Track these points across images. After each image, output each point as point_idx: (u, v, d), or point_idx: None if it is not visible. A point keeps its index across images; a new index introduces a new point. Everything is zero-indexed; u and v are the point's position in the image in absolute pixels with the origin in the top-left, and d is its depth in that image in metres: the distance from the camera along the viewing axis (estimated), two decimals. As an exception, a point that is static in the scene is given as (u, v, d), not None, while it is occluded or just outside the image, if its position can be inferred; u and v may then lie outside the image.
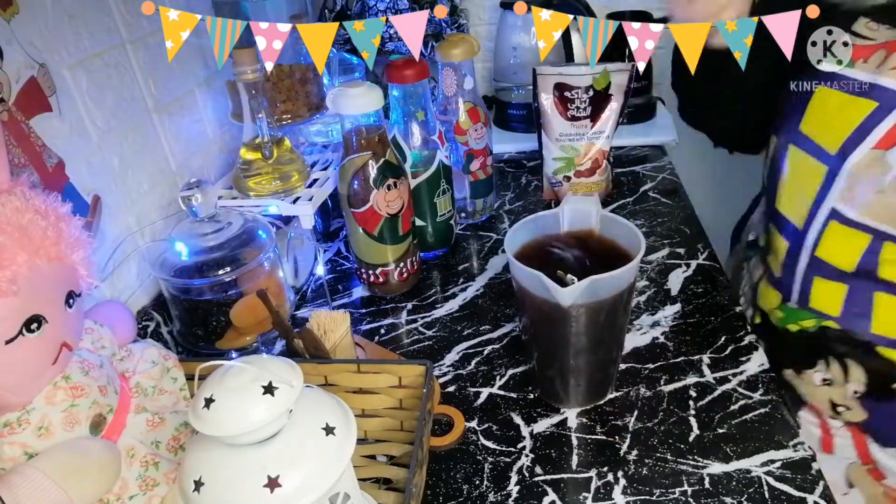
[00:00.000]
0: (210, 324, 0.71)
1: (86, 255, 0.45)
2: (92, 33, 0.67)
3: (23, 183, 0.44)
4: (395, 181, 0.75)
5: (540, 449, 0.59)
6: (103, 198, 0.67)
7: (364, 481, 0.57)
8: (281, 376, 0.36)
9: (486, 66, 1.31)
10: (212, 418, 0.35)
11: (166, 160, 0.80)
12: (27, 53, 0.58)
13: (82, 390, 0.45)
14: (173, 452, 0.50)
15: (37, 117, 0.59)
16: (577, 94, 0.91)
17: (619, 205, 0.98)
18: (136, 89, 0.74)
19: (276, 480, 0.35)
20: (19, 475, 0.40)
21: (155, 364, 0.54)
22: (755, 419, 0.60)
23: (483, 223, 0.97)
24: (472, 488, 0.56)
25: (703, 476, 0.55)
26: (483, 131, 0.90)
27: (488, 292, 0.82)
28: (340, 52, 0.98)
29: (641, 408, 0.62)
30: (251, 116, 0.76)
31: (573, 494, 0.55)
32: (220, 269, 0.68)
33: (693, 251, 0.85)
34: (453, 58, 0.85)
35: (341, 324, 0.63)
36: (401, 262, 0.80)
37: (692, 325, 0.72)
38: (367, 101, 0.71)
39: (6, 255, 0.39)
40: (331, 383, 0.58)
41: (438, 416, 0.63)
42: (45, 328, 0.42)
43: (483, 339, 0.74)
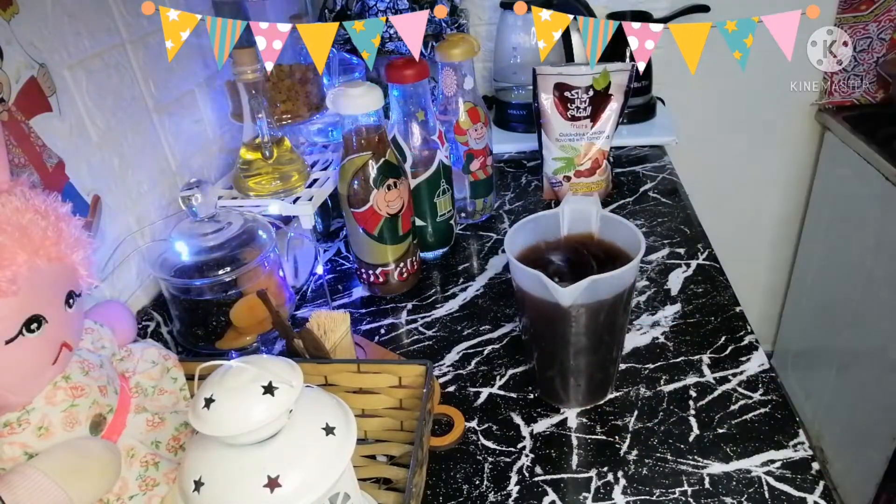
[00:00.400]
0: (210, 324, 0.71)
1: (86, 255, 0.45)
2: (92, 33, 0.67)
3: (23, 183, 0.44)
4: (395, 181, 0.75)
5: (540, 449, 0.59)
6: (103, 198, 0.67)
7: (364, 481, 0.57)
8: (281, 376, 0.36)
9: (486, 66, 1.31)
10: (212, 418, 0.35)
11: (166, 160, 0.80)
12: (27, 53, 0.58)
13: (82, 390, 0.45)
14: (173, 452, 0.50)
15: (37, 117, 0.59)
16: (577, 94, 0.91)
17: (619, 205, 0.98)
18: (136, 89, 0.74)
19: (276, 480, 0.35)
20: (19, 475, 0.40)
21: (155, 364, 0.54)
22: (755, 419, 0.60)
23: (483, 223, 0.97)
24: (472, 488, 0.56)
25: (703, 476, 0.55)
26: (483, 131, 0.90)
27: (488, 292, 0.82)
28: (340, 52, 0.98)
29: (641, 408, 0.62)
30: (251, 116, 0.76)
31: (573, 494, 0.55)
32: (220, 269, 0.68)
33: (693, 251, 0.85)
34: (453, 58, 0.85)
35: (341, 324, 0.63)
36: (401, 262, 0.80)
37: (692, 325, 0.72)
38: (367, 101, 0.71)
39: (6, 255, 0.39)
40: (331, 383, 0.58)
41: (438, 416, 0.63)
42: (45, 328, 0.42)
43: (483, 339, 0.74)
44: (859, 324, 1.39)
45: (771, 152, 1.56)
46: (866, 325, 1.36)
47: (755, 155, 1.56)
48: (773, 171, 1.59)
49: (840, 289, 1.45)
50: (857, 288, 1.37)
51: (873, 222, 1.30)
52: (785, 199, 1.63)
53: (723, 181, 1.57)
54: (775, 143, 1.54)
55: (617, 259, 0.58)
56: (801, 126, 1.52)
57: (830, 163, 1.49)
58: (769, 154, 1.56)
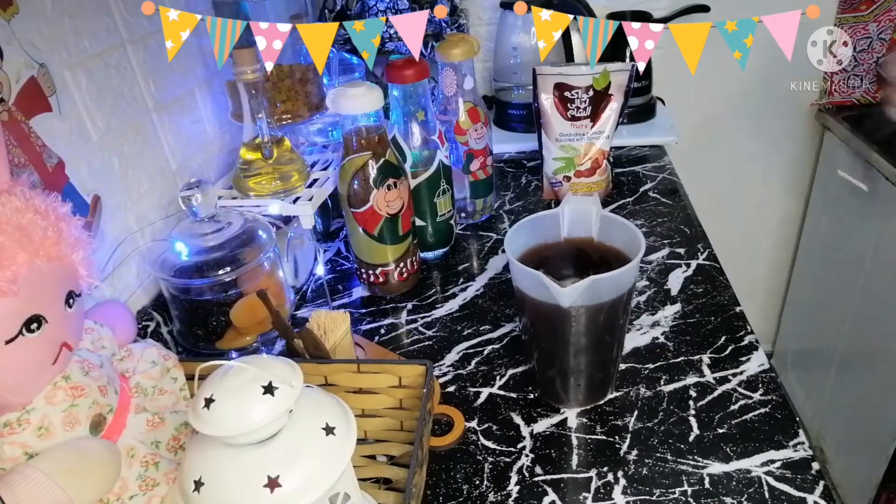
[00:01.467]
0: (210, 324, 0.71)
1: (86, 255, 0.45)
2: (92, 33, 0.67)
3: (23, 183, 0.44)
4: (395, 181, 0.75)
5: (540, 449, 0.59)
6: (103, 198, 0.67)
7: (364, 481, 0.57)
8: (281, 376, 0.36)
9: (486, 66, 1.31)
10: (212, 418, 0.35)
11: (166, 160, 0.80)
12: (27, 53, 0.58)
13: (82, 390, 0.45)
14: (173, 452, 0.50)
15: (37, 117, 0.59)
16: (577, 94, 0.91)
17: (619, 205, 0.98)
18: (136, 89, 0.74)
19: (276, 480, 0.35)
20: (19, 475, 0.40)
21: (155, 364, 0.54)
22: (755, 419, 0.60)
23: (483, 223, 0.97)
24: (472, 488, 0.56)
25: (703, 476, 0.55)
26: (483, 131, 0.90)
27: (488, 292, 0.82)
28: (340, 52, 0.98)
29: (641, 408, 0.62)
30: (251, 116, 0.76)
31: (573, 494, 0.55)
32: (220, 269, 0.68)
33: (693, 251, 0.85)
34: (453, 58, 0.85)
35: (341, 324, 0.63)
36: (401, 262, 0.80)
37: (692, 325, 0.72)
38: (367, 101, 0.71)
39: (6, 255, 0.39)
40: (331, 383, 0.58)
41: (438, 416, 0.63)
42: (45, 328, 0.42)
43: (483, 339, 0.74)
44: (859, 324, 1.39)
45: (771, 152, 1.56)
46: (866, 325, 1.36)
47: (755, 155, 1.56)
48: (773, 171, 1.59)
49: (840, 289, 1.45)
50: (856, 288, 1.37)
51: (873, 222, 1.30)
52: (785, 199, 1.63)
53: (723, 181, 1.57)
54: (775, 143, 1.54)
55: (617, 259, 0.58)
56: (801, 126, 1.52)
57: (830, 163, 1.49)
58: (769, 154, 1.56)
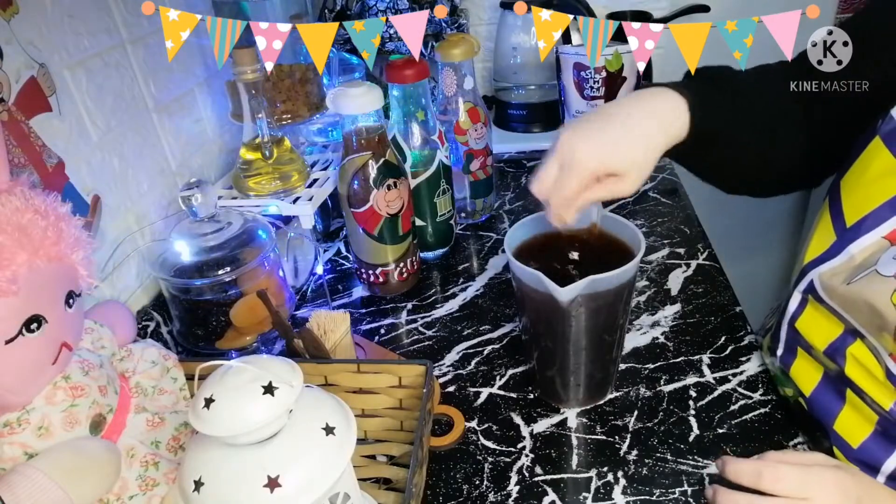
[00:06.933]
0: (210, 324, 0.71)
1: (86, 255, 0.45)
2: (92, 33, 0.67)
3: (23, 183, 0.44)
4: (395, 181, 0.75)
5: (540, 449, 0.59)
6: (103, 198, 0.67)
7: (364, 481, 0.57)
8: (281, 376, 0.36)
9: (486, 66, 1.31)
10: (212, 418, 0.35)
11: (166, 160, 0.80)
12: (27, 53, 0.58)
13: (82, 390, 0.45)
14: (173, 452, 0.50)
15: (37, 117, 0.59)
16: (590, 73, 0.96)
17: (619, 205, 0.98)
18: (136, 89, 0.74)
19: (276, 480, 0.35)
20: (19, 475, 0.40)
21: (155, 364, 0.54)
22: (755, 419, 0.60)
23: (483, 223, 0.97)
24: (472, 488, 0.56)
25: (703, 476, 0.55)
26: (483, 131, 0.90)
27: (488, 292, 0.82)
28: (340, 52, 0.98)
29: (641, 408, 0.62)
30: (251, 116, 0.76)
31: (573, 494, 0.55)
32: (220, 269, 0.68)
33: (693, 251, 0.85)
34: (453, 58, 0.85)
35: (341, 324, 0.63)
36: (401, 262, 0.80)
37: (692, 325, 0.72)
38: (367, 101, 0.71)
39: (6, 255, 0.39)
40: (331, 383, 0.58)
41: (438, 416, 0.63)
42: (45, 328, 0.42)
43: (483, 339, 0.74)
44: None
45: (771, 152, 1.56)
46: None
47: (755, 155, 1.56)
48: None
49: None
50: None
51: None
52: (785, 199, 1.63)
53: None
54: (775, 142, 1.54)
55: (617, 259, 0.58)
56: (801, 126, 1.52)
57: (830, 163, 1.49)
58: (769, 154, 1.56)
